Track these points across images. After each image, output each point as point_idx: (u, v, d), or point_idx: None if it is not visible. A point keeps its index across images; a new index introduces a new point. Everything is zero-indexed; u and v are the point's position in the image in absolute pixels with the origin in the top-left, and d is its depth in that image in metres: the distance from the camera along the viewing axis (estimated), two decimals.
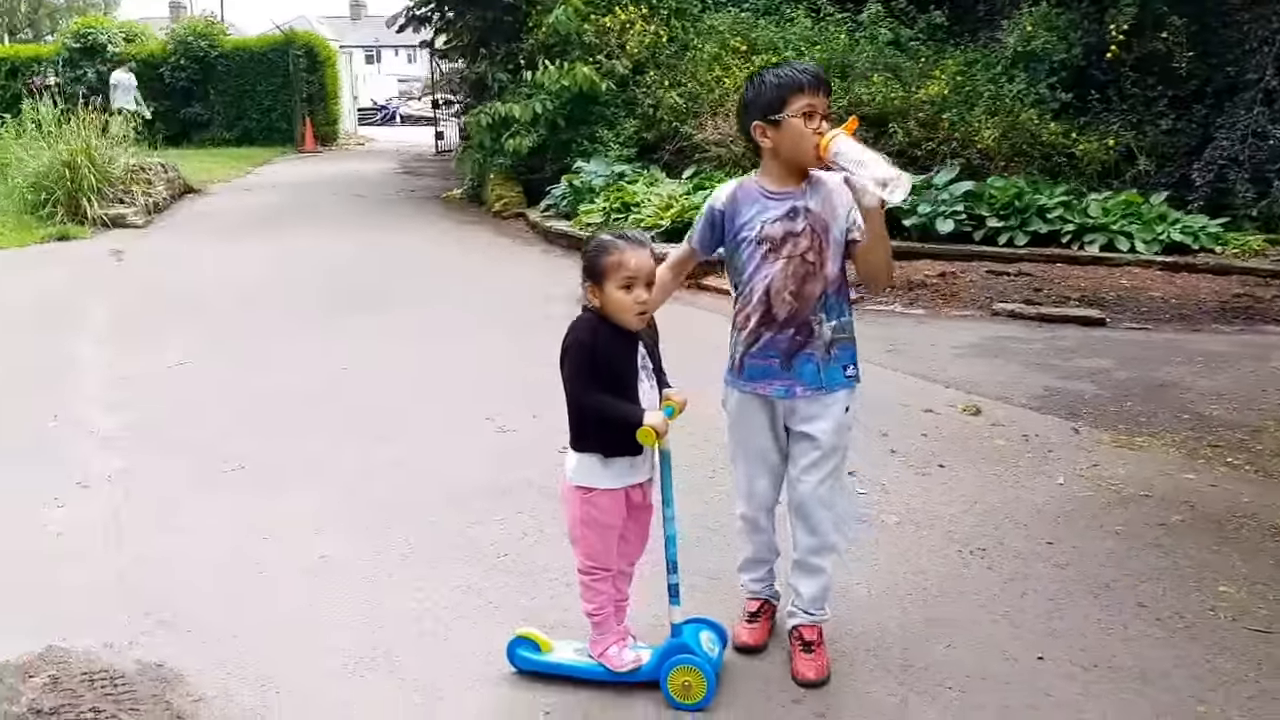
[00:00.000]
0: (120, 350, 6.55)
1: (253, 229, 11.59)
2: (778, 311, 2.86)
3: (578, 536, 2.85)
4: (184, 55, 23.91)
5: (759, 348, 2.92)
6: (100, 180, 11.52)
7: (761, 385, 2.94)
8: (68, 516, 4.07)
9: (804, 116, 2.75)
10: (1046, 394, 5.60)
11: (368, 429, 5.05)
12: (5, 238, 10.41)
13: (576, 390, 2.72)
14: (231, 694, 2.90)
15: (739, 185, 2.94)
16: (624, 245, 2.71)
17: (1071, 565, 3.63)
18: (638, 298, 2.69)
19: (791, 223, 2.83)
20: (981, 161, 10.69)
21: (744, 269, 2.90)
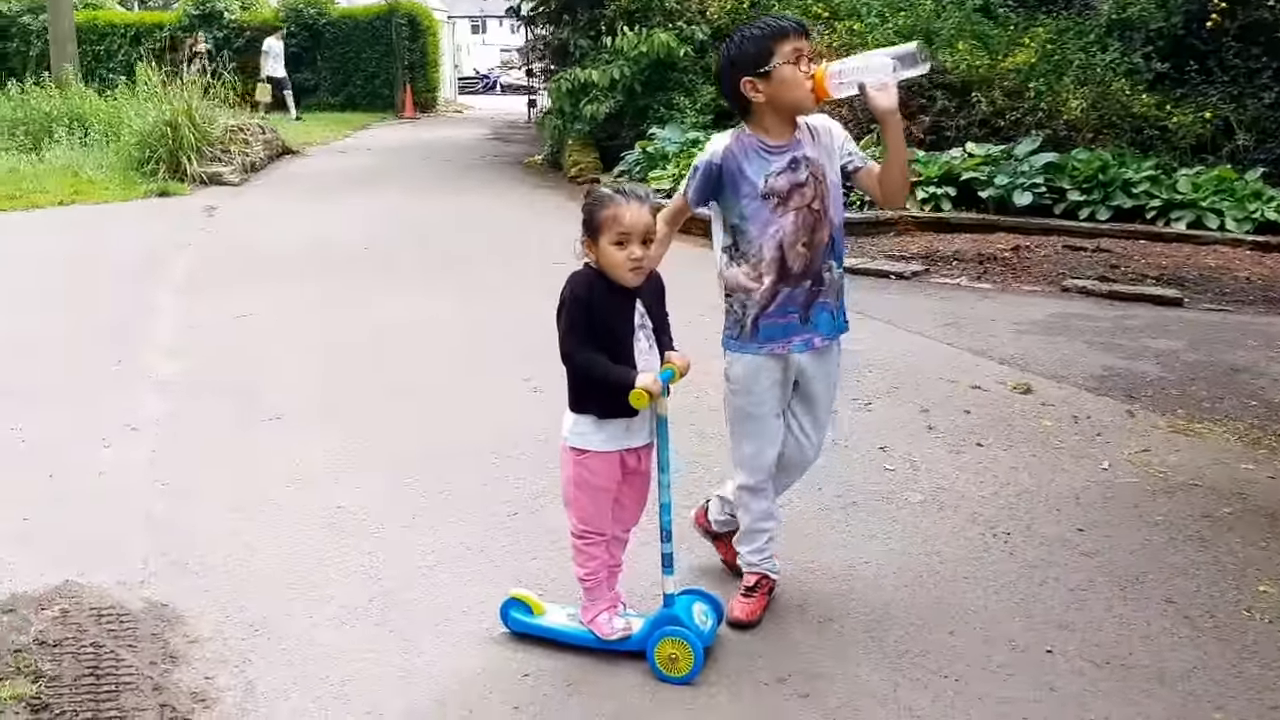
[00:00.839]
0: (193, 300, 6.68)
1: (339, 189, 11.73)
2: (793, 264, 2.76)
3: (570, 498, 2.75)
4: (294, 23, 24.29)
5: (777, 305, 2.79)
6: (200, 140, 11.78)
7: (780, 344, 2.82)
8: (112, 457, 4.14)
9: (793, 61, 2.65)
10: (1105, 374, 5.27)
11: (409, 384, 5.02)
12: (111, 192, 10.73)
13: (569, 347, 2.60)
14: (225, 636, 2.88)
15: (734, 139, 2.79)
16: (620, 200, 2.56)
17: (1100, 554, 3.38)
18: (631, 254, 2.55)
19: (795, 174, 2.74)
20: (1068, 133, 10.16)
21: (749, 227, 2.77)
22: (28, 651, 2.80)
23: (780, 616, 2.98)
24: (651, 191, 2.66)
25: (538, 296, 6.72)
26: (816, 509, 3.68)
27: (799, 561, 3.30)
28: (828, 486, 3.87)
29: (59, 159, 11.76)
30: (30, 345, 5.60)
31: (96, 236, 8.88)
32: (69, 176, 11.12)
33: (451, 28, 34.69)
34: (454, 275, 7.44)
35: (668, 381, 2.63)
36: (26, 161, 11.75)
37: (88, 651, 2.82)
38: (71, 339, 5.72)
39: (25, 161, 11.75)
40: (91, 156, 11.88)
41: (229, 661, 2.77)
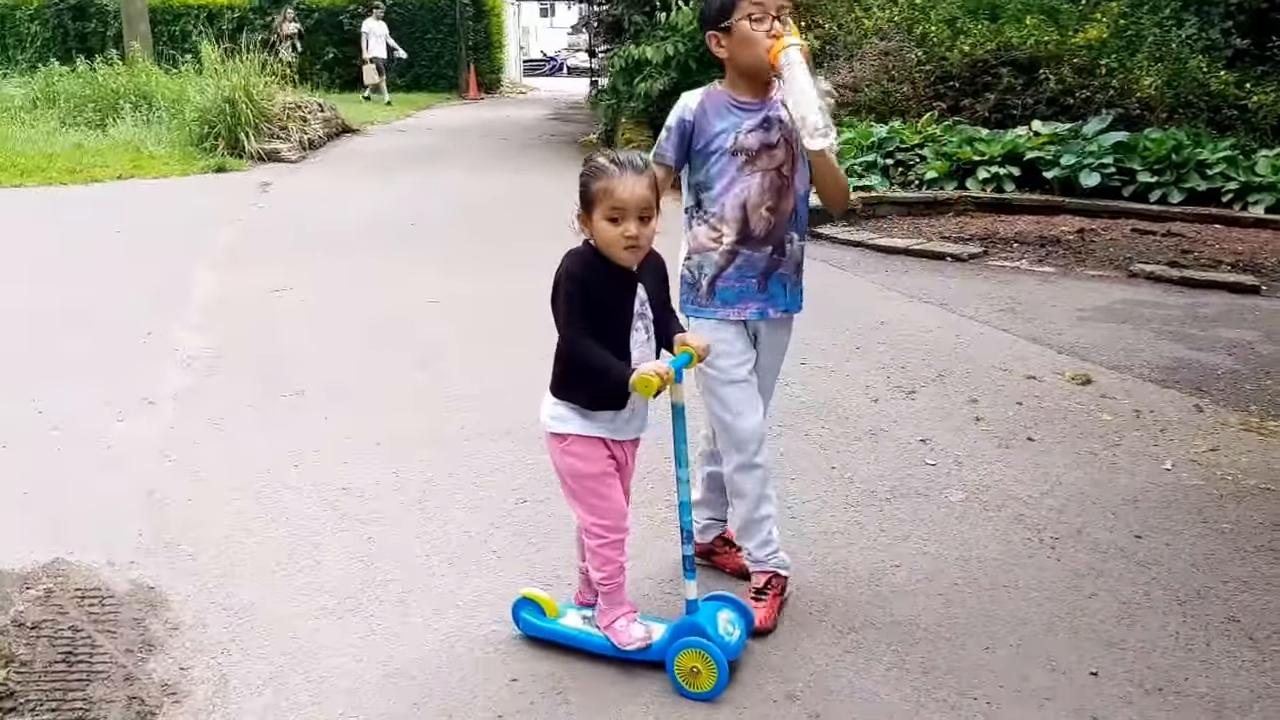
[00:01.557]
0: (233, 274, 6.56)
1: (395, 167, 11.61)
2: (755, 227, 2.61)
3: (574, 491, 2.48)
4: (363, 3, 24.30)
5: (736, 268, 2.64)
6: (258, 117, 11.75)
7: (736, 309, 2.66)
8: (124, 431, 4.00)
9: (751, 19, 2.50)
10: (1173, 365, 4.86)
11: (436, 362, 4.82)
12: (169, 167, 10.74)
13: (570, 331, 2.33)
14: (207, 624, 2.70)
15: (706, 94, 2.63)
16: (614, 170, 2.28)
17: (1158, 565, 3.03)
18: (625, 231, 2.28)
19: (767, 134, 2.58)
20: (1140, 112, 9.60)
21: (714, 183, 2.60)
22: (4, 633, 2.65)
23: (798, 623, 2.71)
24: (650, 160, 2.39)
25: None
26: (845, 503, 3.39)
27: (823, 562, 3.01)
28: (859, 479, 3.57)
29: (122, 135, 11.83)
30: (65, 316, 5.52)
31: (148, 210, 8.85)
32: (130, 152, 11.16)
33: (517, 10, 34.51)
34: (498, 252, 7.23)
35: (684, 367, 2.36)
36: (91, 137, 11.84)
37: (64, 636, 2.65)
38: (106, 311, 5.63)
39: (90, 137, 11.84)
40: (154, 132, 11.93)
41: (207, 651, 2.58)
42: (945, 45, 10.69)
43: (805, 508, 3.36)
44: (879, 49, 10.83)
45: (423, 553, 3.07)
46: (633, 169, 2.28)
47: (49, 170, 10.17)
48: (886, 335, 5.26)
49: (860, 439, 3.94)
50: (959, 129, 9.32)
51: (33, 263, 6.88)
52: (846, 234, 7.65)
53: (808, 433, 4.00)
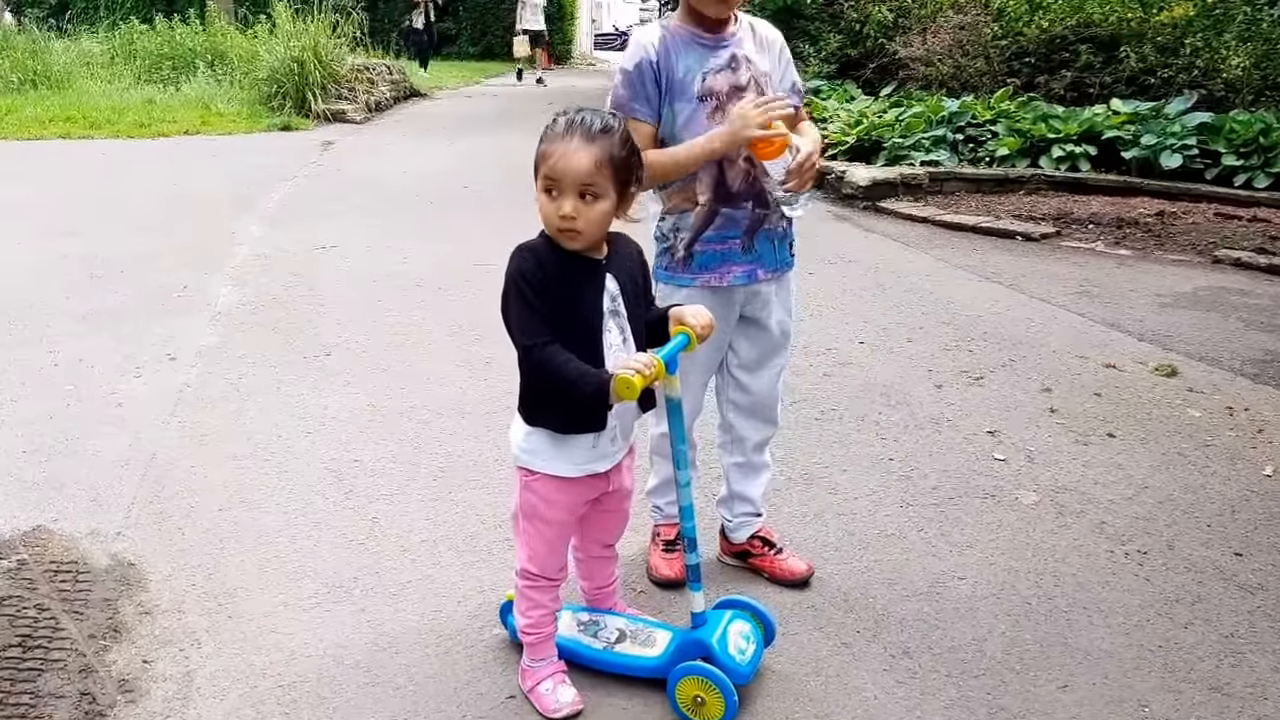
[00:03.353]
0: (280, 231, 6.24)
1: (456, 131, 11.23)
2: (732, 182, 2.24)
3: (522, 527, 2.01)
4: None
5: (716, 229, 2.27)
6: (326, 78, 11.45)
7: (717, 274, 2.29)
8: (138, 388, 3.68)
9: None
10: (1267, 359, 4.26)
11: (475, 329, 4.42)
12: (236, 124, 10.51)
13: (525, 340, 1.82)
14: (183, 609, 2.35)
15: (663, 31, 2.23)
16: (558, 130, 1.80)
17: (1264, 590, 2.52)
18: (560, 209, 1.78)
19: (734, 74, 2.22)
20: (1225, 93, 8.82)
21: (681, 135, 2.21)
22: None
23: (845, 642, 2.26)
24: (619, 127, 1.84)
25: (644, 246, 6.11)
26: (902, 502, 2.91)
27: (876, 569, 2.56)
28: (919, 474, 3.09)
29: (194, 92, 11.64)
30: (104, 267, 5.24)
31: (208, 166, 8.59)
32: (199, 108, 10.95)
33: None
34: None
35: (681, 351, 1.88)
36: (164, 93, 11.65)
37: (28, 616, 2.32)
38: (146, 263, 5.34)
39: (163, 93, 11.66)
40: (224, 90, 11.72)
41: (175, 643, 2.23)
42: (1022, 20, 9.98)
43: (858, 505, 2.90)
44: (954, 23, 10.15)
45: (429, 538, 2.68)
46: (582, 132, 1.78)
47: (118, 124, 9.99)
48: (952, 315, 4.74)
49: (922, 428, 3.45)
50: (1033, 105, 8.65)
51: (83, 214, 6.63)
52: (911, 209, 7.09)
53: (863, 418, 3.53)
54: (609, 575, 2.18)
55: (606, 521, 2.10)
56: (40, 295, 4.75)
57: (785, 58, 2.34)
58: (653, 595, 2.44)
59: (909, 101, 9.14)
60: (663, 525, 2.56)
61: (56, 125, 10.02)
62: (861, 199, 7.35)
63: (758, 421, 2.46)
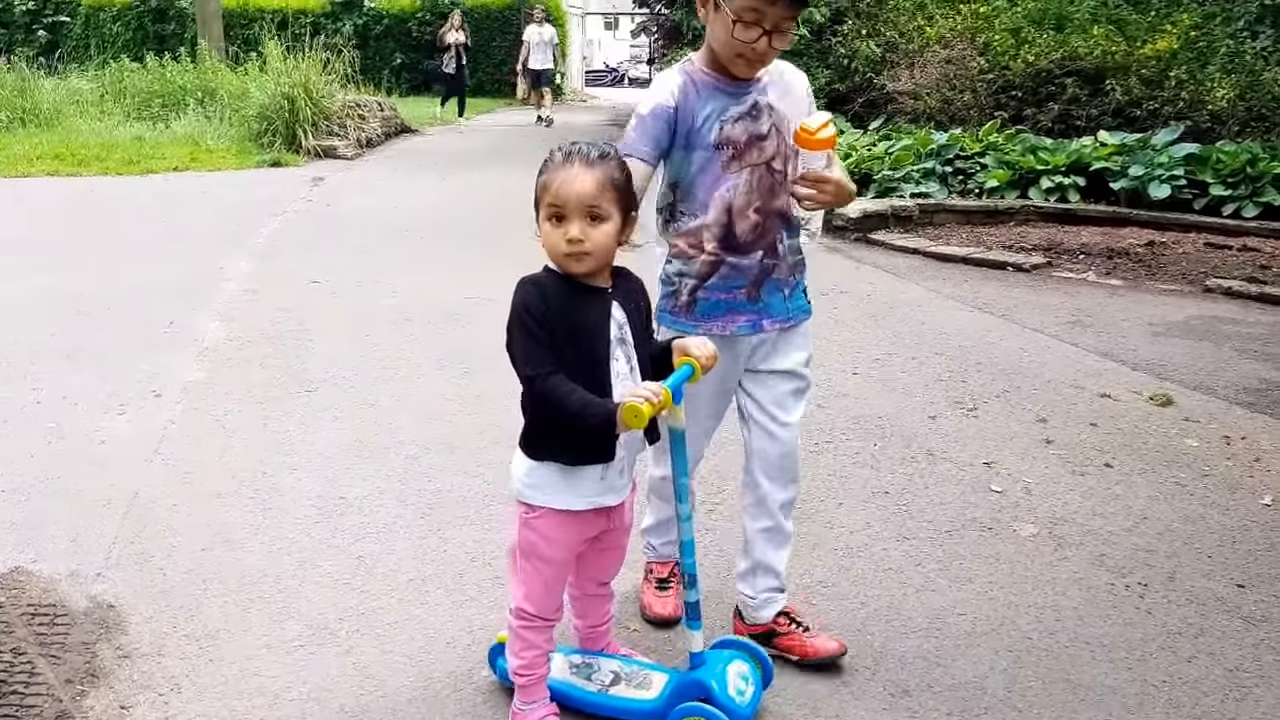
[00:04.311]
0: (269, 265, 6.21)
1: (447, 167, 11.25)
2: (741, 232, 2.16)
3: (520, 566, 1.95)
4: (430, 11, 24.14)
5: (720, 278, 2.18)
6: (317, 114, 11.49)
7: (720, 323, 2.19)
8: (122, 425, 3.63)
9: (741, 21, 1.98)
10: (1262, 388, 4.26)
11: (462, 364, 4.39)
12: (225, 160, 10.51)
13: (529, 371, 1.78)
14: (163, 652, 2.29)
15: (685, 75, 2.13)
16: (557, 159, 1.80)
17: (1269, 622, 2.49)
18: (567, 234, 1.78)
19: (755, 122, 2.13)
20: (1211, 124, 8.92)
21: (694, 181, 2.14)
22: None
23: (843, 680, 2.21)
24: (611, 151, 1.85)
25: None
26: (899, 536, 2.88)
27: (874, 605, 2.52)
28: (916, 507, 3.06)
29: (184, 129, 11.65)
30: (90, 303, 5.19)
31: (197, 202, 8.57)
32: (189, 145, 10.96)
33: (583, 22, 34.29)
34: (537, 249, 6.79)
35: (685, 381, 1.85)
36: (154, 130, 11.67)
37: (3, 660, 2.25)
38: (133, 299, 5.29)
39: (153, 130, 11.67)
40: (214, 127, 11.74)
41: (155, 686, 2.16)
42: (1008, 54, 10.08)
43: (854, 539, 2.86)
44: (941, 57, 10.25)
45: (417, 576, 2.63)
46: (581, 159, 1.79)
47: (107, 160, 9.98)
48: (945, 346, 4.73)
49: (917, 460, 3.42)
50: (1022, 137, 8.72)
51: (70, 251, 6.59)
52: (902, 241, 7.11)
53: (858, 451, 3.50)
54: (604, 614, 2.12)
55: (604, 560, 2.05)
56: (24, 332, 4.70)
57: (809, 102, 2.24)
58: (646, 634, 2.39)
59: (898, 135, 9.20)
60: (656, 563, 2.50)
61: (45, 162, 10.02)
62: (852, 231, 7.37)
63: (784, 480, 2.30)
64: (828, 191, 2.09)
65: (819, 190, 2.08)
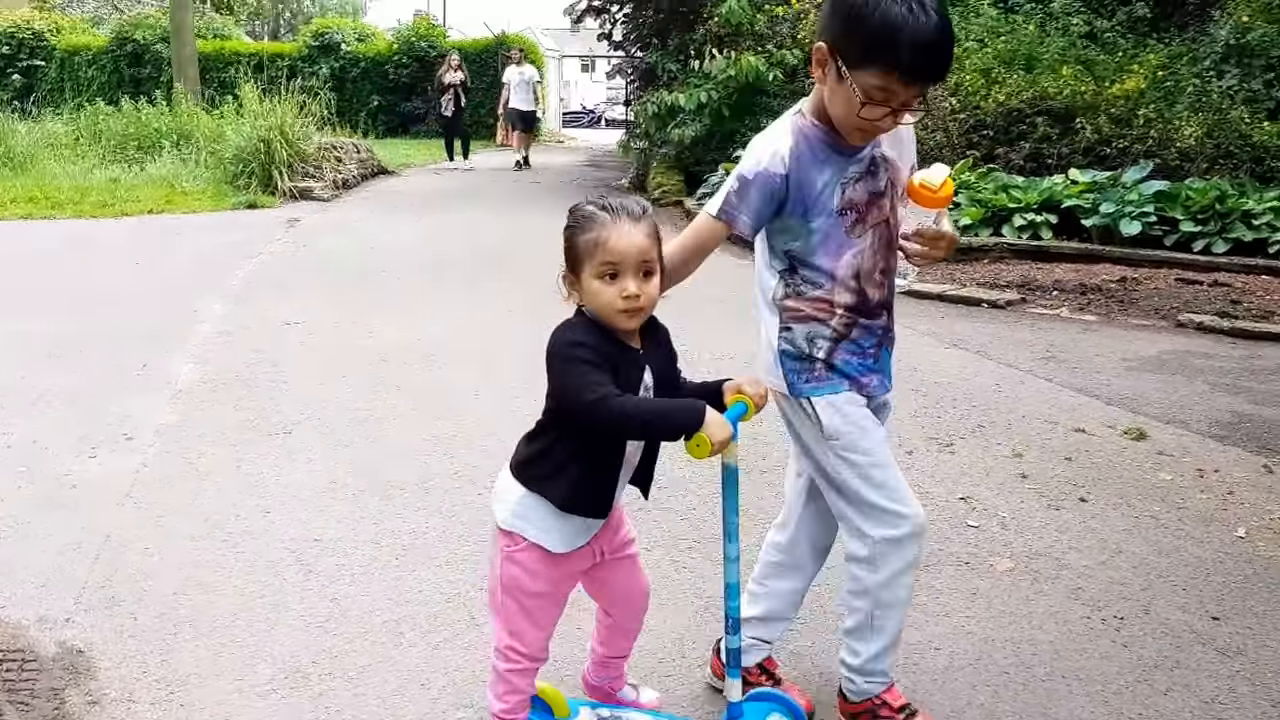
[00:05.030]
0: (244, 308, 6.21)
1: (424, 208, 11.32)
2: (872, 296, 2.02)
3: (501, 603, 1.90)
4: (406, 54, 24.38)
5: (853, 340, 2.03)
6: (293, 156, 11.55)
7: (858, 384, 2.05)
8: (93, 469, 3.61)
9: (871, 100, 1.82)
10: (1234, 421, 4.33)
11: (438, 405, 4.40)
12: (201, 203, 10.53)
13: (589, 397, 1.70)
14: (132, 699, 2.26)
15: (798, 134, 1.94)
16: (604, 218, 1.77)
17: (1243, 654, 2.52)
18: (624, 290, 1.75)
19: (874, 180, 1.97)
20: (1180, 162, 9.10)
21: (816, 251, 1.98)
22: None
23: (822, 717, 2.22)
24: (648, 206, 1.85)
25: None
26: None
27: None
28: None
29: (160, 171, 11.68)
30: (62, 346, 5.17)
31: (172, 244, 8.57)
32: (164, 188, 10.98)
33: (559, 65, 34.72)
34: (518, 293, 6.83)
35: (739, 420, 1.82)
36: (129, 173, 11.69)
37: None
38: (105, 342, 5.27)
39: (128, 173, 11.69)
40: (190, 170, 11.77)
41: None
42: (979, 95, 10.29)
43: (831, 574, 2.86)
44: None
45: (392, 618, 2.62)
46: (628, 216, 1.77)
47: (81, 203, 9.98)
48: (920, 382, 4.78)
49: None
50: (994, 176, 8.89)
51: (43, 294, 6.57)
52: None
53: None
54: (627, 647, 2.08)
55: (624, 585, 2.00)
56: None
57: (911, 144, 2.11)
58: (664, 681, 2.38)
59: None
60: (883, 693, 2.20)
61: (18, 206, 10.00)
62: None
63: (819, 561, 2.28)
64: (942, 248, 1.98)
65: (934, 248, 1.97)
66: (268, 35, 39.06)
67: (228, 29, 26.84)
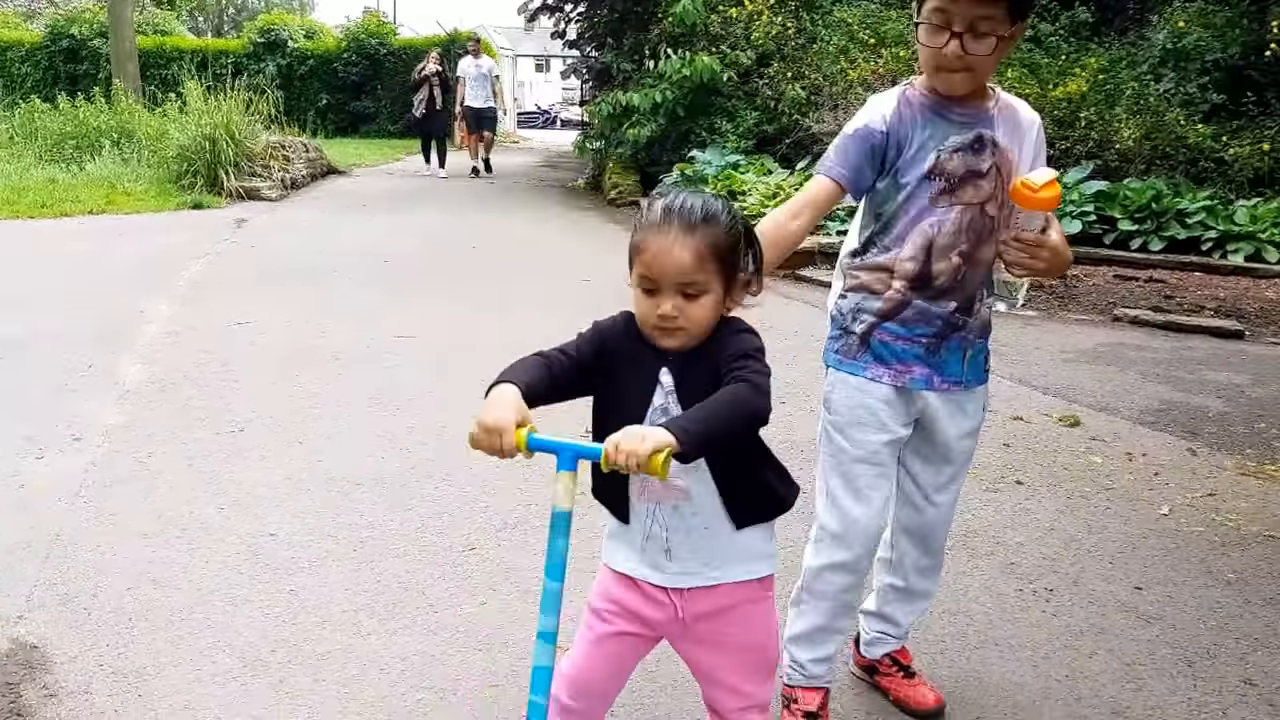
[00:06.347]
0: (191, 308, 6.20)
1: (376, 207, 11.31)
2: (938, 274, 1.97)
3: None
4: (356, 52, 24.19)
5: (901, 321, 1.99)
6: (239, 155, 11.47)
7: (893, 371, 2.01)
8: (41, 469, 3.62)
9: (929, 24, 1.86)
10: (1163, 408, 4.55)
11: (392, 401, 4.46)
12: (144, 203, 10.41)
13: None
14: (91, 690, 2.32)
15: (902, 97, 1.97)
16: (656, 219, 1.55)
17: (1162, 619, 2.70)
18: (659, 309, 1.54)
19: (976, 157, 1.94)
20: (1120, 163, 9.44)
21: (895, 210, 1.97)
22: None
23: None
24: (725, 209, 1.58)
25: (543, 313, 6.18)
26: None
27: None
28: None
29: (100, 171, 11.51)
30: (8, 347, 5.13)
31: (116, 245, 8.49)
32: (105, 188, 10.82)
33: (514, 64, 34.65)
34: (466, 290, 6.90)
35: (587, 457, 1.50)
36: (67, 173, 11.51)
37: None
38: (49, 343, 5.23)
39: (66, 173, 11.51)
40: (131, 169, 11.61)
41: None
42: None
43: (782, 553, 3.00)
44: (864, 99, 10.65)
45: (350, 607, 2.69)
46: (681, 223, 1.53)
47: (17, 204, 9.81)
48: None
49: None
50: None
51: None
52: (828, 277, 7.35)
53: None
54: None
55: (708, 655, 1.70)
56: None
57: (1039, 145, 2.05)
58: None
59: None
60: (802, 689, 2.15)
61: None
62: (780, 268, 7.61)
63: (923, 549, 2.21)
64: (1042, 258, 1.91)
65: (1032, 256, 1.91)
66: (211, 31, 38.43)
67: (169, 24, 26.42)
